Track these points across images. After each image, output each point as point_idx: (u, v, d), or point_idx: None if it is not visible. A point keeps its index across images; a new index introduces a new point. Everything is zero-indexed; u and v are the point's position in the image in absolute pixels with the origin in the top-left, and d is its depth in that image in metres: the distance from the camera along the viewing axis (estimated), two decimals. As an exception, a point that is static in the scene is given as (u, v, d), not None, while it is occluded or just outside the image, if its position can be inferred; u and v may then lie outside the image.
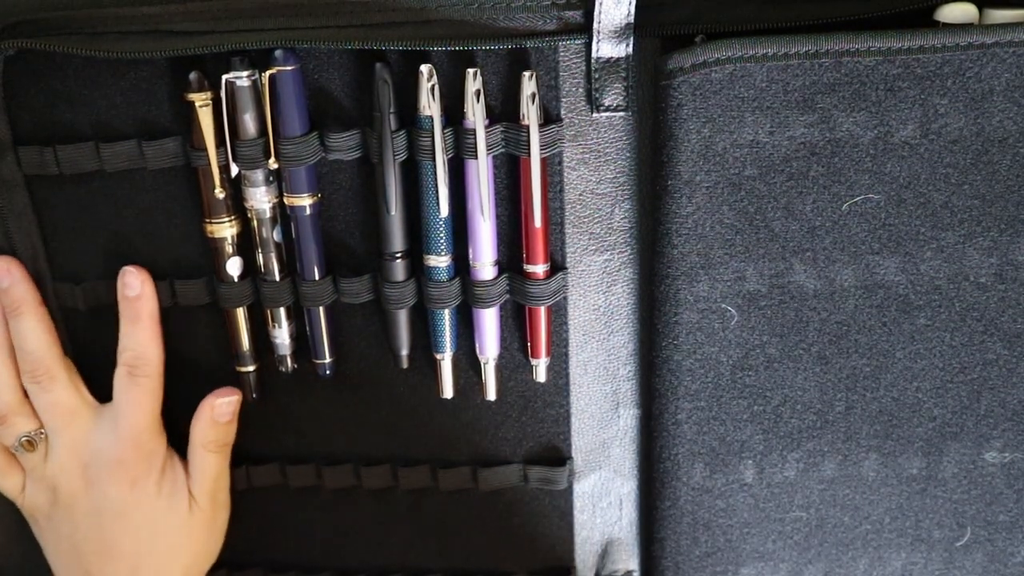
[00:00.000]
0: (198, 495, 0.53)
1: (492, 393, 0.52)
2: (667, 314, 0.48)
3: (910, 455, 0.50)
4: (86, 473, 0.51)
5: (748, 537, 0.53)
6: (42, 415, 0.51)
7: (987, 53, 0.42)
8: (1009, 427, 0.49)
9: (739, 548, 0.54)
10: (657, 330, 0.49)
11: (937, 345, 0.47)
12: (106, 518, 0.51)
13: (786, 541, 0.54)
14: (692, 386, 0.49)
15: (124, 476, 0.51)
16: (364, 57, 0.45)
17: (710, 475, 0.52)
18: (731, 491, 0.52)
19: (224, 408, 0.52)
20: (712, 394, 0.49)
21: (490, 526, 0.58)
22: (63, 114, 0.47)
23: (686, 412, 0.50)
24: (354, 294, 0.50)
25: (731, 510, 0.52)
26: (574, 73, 0.46)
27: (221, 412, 0.52)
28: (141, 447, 0.51)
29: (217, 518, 0.55)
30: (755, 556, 0.54)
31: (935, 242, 0.45)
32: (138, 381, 0.50)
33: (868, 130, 0.43)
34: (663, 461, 0.52)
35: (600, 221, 0.49)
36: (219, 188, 0.47)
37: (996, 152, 0.43)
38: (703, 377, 0.49)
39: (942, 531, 0.52)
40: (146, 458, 0.51)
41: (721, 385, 0.49)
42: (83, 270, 0.51)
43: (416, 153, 0.46)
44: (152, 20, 0.44)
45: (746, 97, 0.43)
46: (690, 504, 0.53)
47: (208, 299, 0.51)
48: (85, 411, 0.51)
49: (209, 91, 0.45)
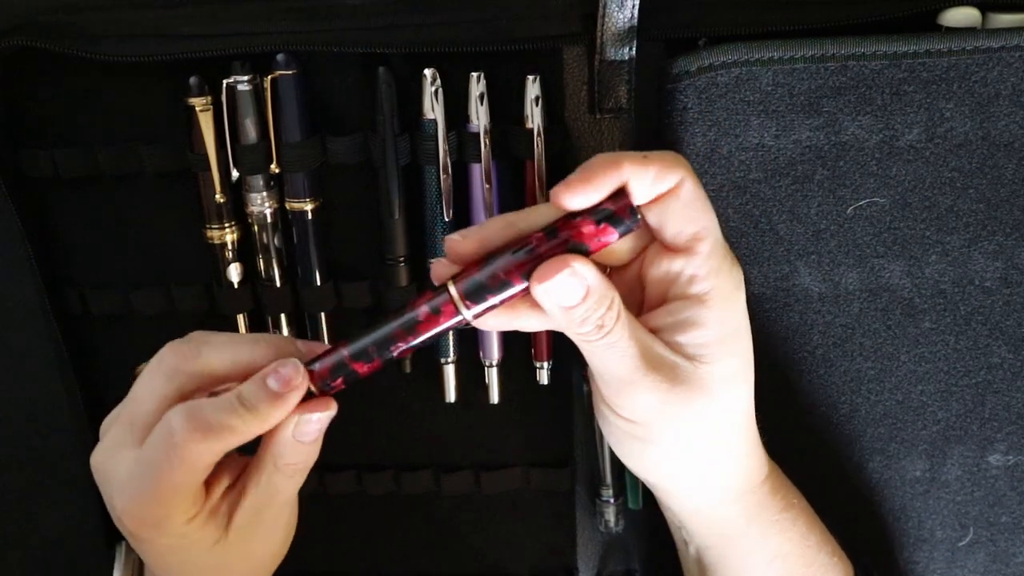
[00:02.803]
0: (237, 516, 0.41)
1: (495, 397, 0.52)
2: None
3: (914, 458, 0.50)
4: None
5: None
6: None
7: (993, 57, 0.42)
8: (1013, 430, 0.49)
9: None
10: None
11: (942, 348, 0.48)
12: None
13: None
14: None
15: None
16: (366, 61, 0.45)
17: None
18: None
19: (310, 427, 0.39)
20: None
21: (492, 529, 0.58)
22: (63, 117, 0.47)
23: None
24: (356, 299, 0.50)
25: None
26: (577, 77, 0.46)
27: (304, 432, 0.39)
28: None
29: (266, 545, 0.43)
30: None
31: (940, 246, 0.45)
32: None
33: (873, 133, 0.43)
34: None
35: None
36: (219, 193, 0.47)
37: (1001, 156, 0.43)
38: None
39: (944, 531, 0.52)
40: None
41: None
42: (82, 275, 0.50)
43: (419, 157, 0.46)
44: (153, 24, 0.43)
45: (751, 101, 0.43)
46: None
47: (208, 305, 0.50)
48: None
49: (209, 95, 0.45)
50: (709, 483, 0.42)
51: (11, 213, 0.48)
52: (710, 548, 0.45)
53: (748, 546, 0.44)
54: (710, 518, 0.44)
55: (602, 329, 0.36)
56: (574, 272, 0.35)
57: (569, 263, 0.35)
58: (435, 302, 0.37)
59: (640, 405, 0.38)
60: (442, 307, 0.37)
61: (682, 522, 0.45)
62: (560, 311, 0.36)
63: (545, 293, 0.36)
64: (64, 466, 0.54)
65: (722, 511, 0.43)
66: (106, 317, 0.51)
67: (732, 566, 0.45)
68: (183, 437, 0.37)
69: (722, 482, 0.42)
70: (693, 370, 0.38)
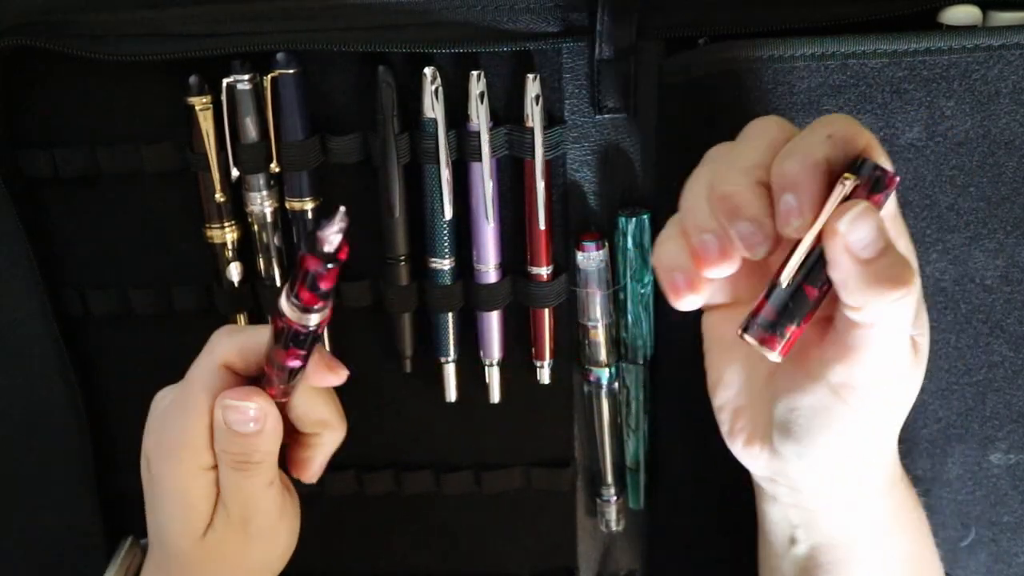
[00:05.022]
0: (217, 517, 0.43)
1: (495, 396, 0.52)
2: (671, 315, 0.47)
3: (914, 457, 0.50)
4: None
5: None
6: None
7: (993, 55, 0.41)
8: (1014, 429, 0.49)
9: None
10: (661, 331, 0.48)
11: (942, 347, 0.47)
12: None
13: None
14: (697, 387, 0.49)
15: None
16: (366, 60, 0.45)
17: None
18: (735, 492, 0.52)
19: (232, 414, 0.41)
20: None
21: (492, 529, 0.58)
22: (63, 117, 0.47)
23: (689, 413, 0.50)
24: (355, 299, 0.50)
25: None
26: (577, 75, 0.46)
27: (233, 420, 0.41)
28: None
29: (250, 551, 0.44)
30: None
31: (941, 244, 0.45)
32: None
33: (874, 132, 0.43)
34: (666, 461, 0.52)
35: (604, 223, 0.49)
36: (219, 193, 0.47)
37: (1002, 154, 0.43)
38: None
39: (946, 531, 0.52)
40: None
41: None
42: (82, 275, 0.50)
43: (419, 156, 0.46)
44: (153, 23, 0.43)
45: (752, 99, 0.43)
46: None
47: (207, 305, 0.50)
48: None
49: (209, 95, 0.45)
50: (864, 476, 0.39)
51: (11, 213, 0.48)
52: (837, 548, 0.41)
53: (884, 545, 0.41)
54: (850, 513, 0.40)
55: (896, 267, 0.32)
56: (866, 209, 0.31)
57: (859, 205, 0.31)
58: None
59: (873, 359, 0.34)
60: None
61: (805, 518, 0.41)
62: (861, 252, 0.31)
63: (850, 227, 0.31)
64: (63, 466, 0.54)
65: (869, 505, 0.40)
66: (106, 317, 0.51)
67: (858, 567, 0.41)
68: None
69: (878, 476, 0.40)
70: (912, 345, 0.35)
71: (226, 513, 0.43)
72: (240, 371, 0.42)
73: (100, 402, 0.53)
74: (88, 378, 0.52)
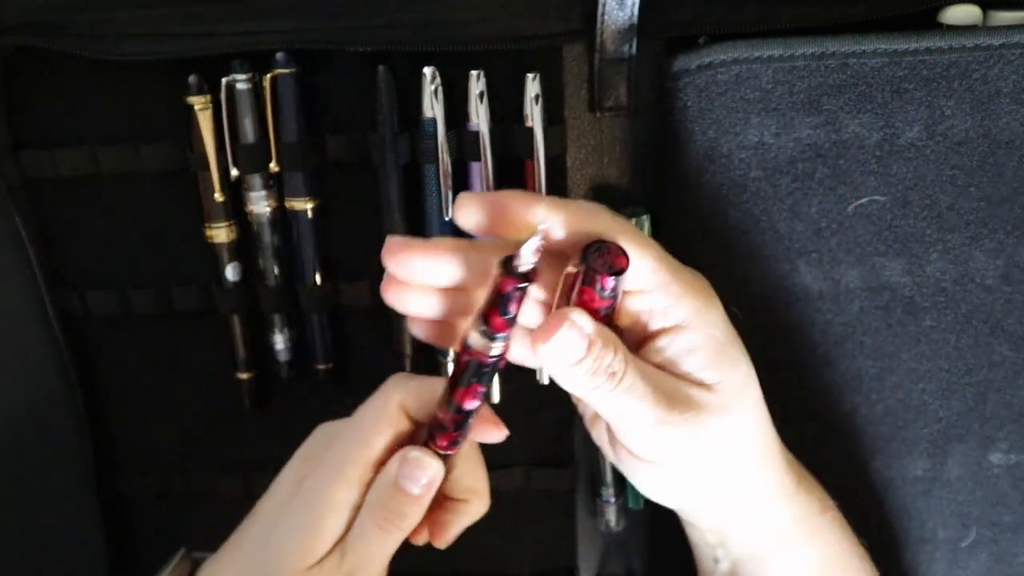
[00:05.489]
0: (330, 558, 0.39)
1: (495, 396, 0.52)
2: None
3: (915, 457, 0.50)
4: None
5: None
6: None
7: (994, 55, 0.41)
8: (1014, 429, 0.49)
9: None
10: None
11: (943, 347, 0.47)
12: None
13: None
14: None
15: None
16: (366, 60, 0.45)
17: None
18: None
19: (409, 468, 0.38)
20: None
21: (493, 529, 0.57)
22: (62, 117, 0.47)
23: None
24: (355, 299, 0.50)
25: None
26: (577, 75, 0.46)
27: (403, 471, 0.38)
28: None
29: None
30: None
31: (941, 244, 0.45)
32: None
33: (874, 131, 0.43)
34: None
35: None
36: (219, 192, 0.47)
37: (1002, 154, 0.43)
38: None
39: (946, 531, 0.52)
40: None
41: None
42: (82, 275, 0.50)
43: (419, 156, 0.46)
44: (153, 23, 0.43)
45: (752, 99, 0.43)
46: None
47: (207, 305, 0.50)
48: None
49: (209, 94, 0.45)
50: (749, 495, 0.41)
51: (11, 213, 0.48)
52: (751, 561, 0.43)
53: (794, 553, 0.43)
54: (753, 528, 0.42)
55: (615, 376, 0.35)
56: (572, 324, 0.34)
57: (567, 316, 0.34)
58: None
59: (666, 444, 0.37)
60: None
61: (718, 538, 0.43)
62: (568, 368, 0.34)
63: (551, 352, 0.34)
64: (63, 466, 0.54)
65: (767, 518, 0.42)
66: (106, 317, 0.51)
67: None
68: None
69: (764, 491, 0.41)
70: (709, 394, 0.37)
71: (341, 559, 0.39)
72: (412, 416, 0.40)
73: (100, 402, 0.53)
74: (88, 378, 0.52)
